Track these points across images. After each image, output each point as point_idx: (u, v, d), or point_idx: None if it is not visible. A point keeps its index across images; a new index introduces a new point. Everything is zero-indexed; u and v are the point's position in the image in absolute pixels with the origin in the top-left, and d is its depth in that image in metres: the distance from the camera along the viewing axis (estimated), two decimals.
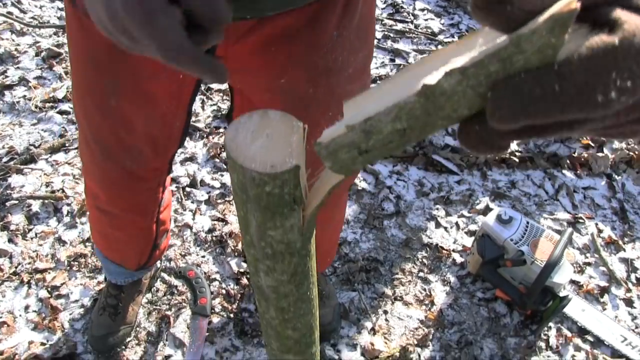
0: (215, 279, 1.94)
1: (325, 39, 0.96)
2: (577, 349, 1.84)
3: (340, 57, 1.00)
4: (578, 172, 2.38)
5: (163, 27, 0.49)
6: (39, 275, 1.91)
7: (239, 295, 1.90)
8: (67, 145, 2.38)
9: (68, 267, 1.95)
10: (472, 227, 2.17)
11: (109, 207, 1.41)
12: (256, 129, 0.50)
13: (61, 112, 2.52)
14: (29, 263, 1.94)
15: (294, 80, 1.00)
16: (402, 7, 3.31)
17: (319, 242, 1.59)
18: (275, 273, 0.60)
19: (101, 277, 1.92)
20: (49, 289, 1.87)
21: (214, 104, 2.60)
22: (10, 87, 2.62)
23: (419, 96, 0.37)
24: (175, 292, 1.90)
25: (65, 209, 2.12)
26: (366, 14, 1.03)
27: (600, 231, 2.17)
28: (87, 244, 2.02)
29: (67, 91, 2.61)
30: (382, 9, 3.32)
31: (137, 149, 1.19)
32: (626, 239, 2.15)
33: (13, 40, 2.88)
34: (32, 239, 2.03)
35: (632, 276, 2.03)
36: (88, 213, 1.63)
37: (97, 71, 1.04)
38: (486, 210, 2.21)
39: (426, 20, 3.27)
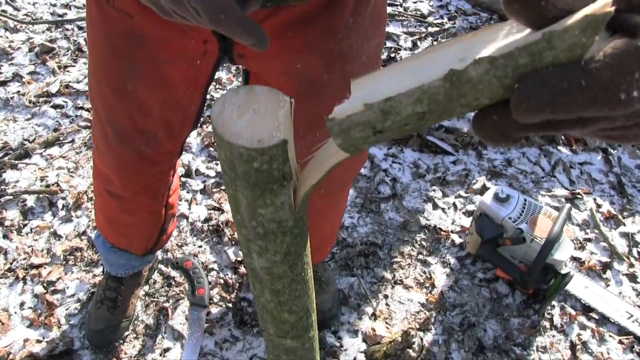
0: (212, 269, 1.93)
1: (341, 26, 0.97)
2: (582, 327, 1.83)
3: (355, 44, 1.01)
4: (573, 147, 2.37)
5: None
6: (34, 271, 1.89)
7: (237, 284, 1.89)
8: (61, 139, 2.36)
9: (64, 262, 1.93)
10: (470, 207, 2.16)
11: (120, 191, 1.40)
12: (243, 104, 0.49)
13: (55, 106, 2.50)
14: (24, 259, 1.92)
15: (309, 66, 1.00)
16: None
17: (320, 230, 1.60)
18: (267, 253, 0.59)
19: (98, 270, 1.90)
20: (45, 285, 1.86)
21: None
22: (4, 83, 2.60)
23: (444, 81, 0.37)
24: (173, 283, 1.89)
25: (60, 203, 2.10)
26: (380, 3, 1.04)
27: (599, 206, 2.16)
28: (82, 237, 2.01)
29: (61, 85, 2.59)
30: None
31: (152, 132, 1.19)
32: (625, 213, 2.14)
33: (7, 37, 2.86)
34: (27, 234, 2.01)
35: (634, 250, 2.02)
36: (94, 198, 1.61)
37: (114, 55, 1.04)
38: (483, 190, 2.20)
39: (415, 2, 3.25)
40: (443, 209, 2.16)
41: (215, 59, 1.01)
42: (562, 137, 2.40)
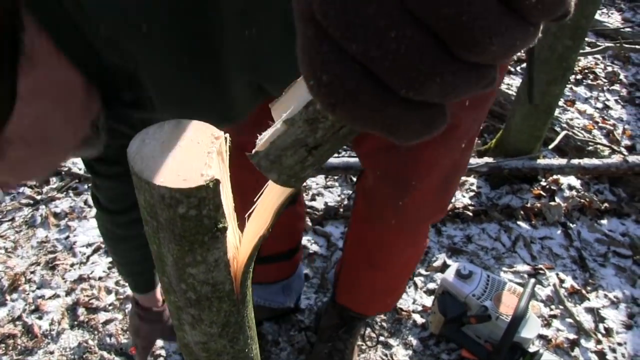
0: (159, 355, 1.78)
1: None
2: None
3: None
4: (533, 222, 2.35)
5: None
6: None
7: None
8: (0, 217, 2.22)
9: None
10: (431, 286, 2.08)
11: None
12: (167, 139, 0.41)
13: None
14: None
15: None
16: None
17: (386, 269, 1.50)
18: (202, 324, 0.49)
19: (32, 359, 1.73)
20: None
21: None
22: None
23: None
24: None
25: None
26: None
27: (562, 281, 2.11)
28: (17, 322, 1.84)
29: None
30: None
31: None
32: (589, 288, 2.09)
33: None
34: None
35: (601, 326, 1.96)
36: None
37: None
38: (444, 267, 2.13)
39: None
40: None
41: None
42: (521, 212, 2.38)
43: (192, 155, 0.40)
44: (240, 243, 0.47)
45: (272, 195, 0.41)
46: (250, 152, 0.35)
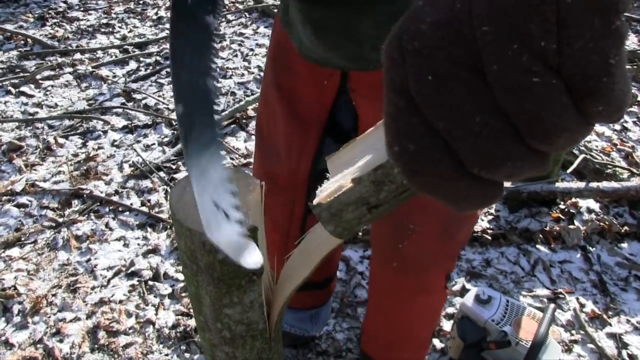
0: None
1: None
2: None
3: None
4: (552, 245, 2.34)
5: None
6: None
7: None
8: (22, 239, 2.26)
9: None
10: (450, 310, 2.08)
11: None
12: None
13: (18, 205, 2.41)
14: None
15: None
16: None
17: (389, 319, 1.49)
18: None
19: None
20: None
21: None
22: None
23: None
24: None
25: (16, 308, 1.97)
26: None
27: (582, 306, 2.10)
28: (38, 346, 1.86)
29: (26, 184, 2.52)
30: None
31: (275, 147, 1.29)
32: (610, 313, 2.07)
33: None
34: None
35: (624, 352, 1.93)
36: None
37: (272, 61, 1.24)
38: (463, 291, 2.13)
39: None
40: None
41: (338, 81, 1.11)
42: (540, 236, 2.37)
43: None
44: (275, 282, 0.49)
45: (318, 242, 0.42)
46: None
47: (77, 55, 3.80)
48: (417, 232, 1.21)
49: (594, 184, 2.44)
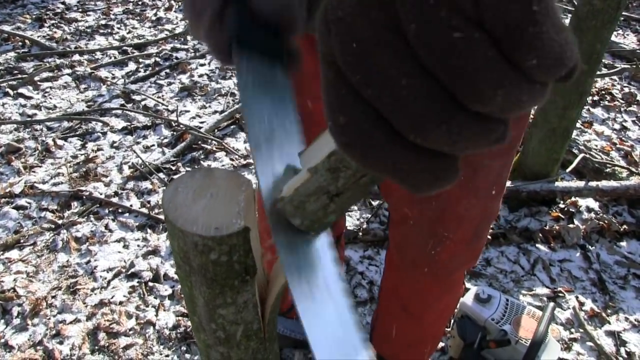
0: None
1: None
2: None
3: None
4: (551, 245, 2.34)
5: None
6: None
7: None
8: (22, 241, 2.26)
9: None
10: None
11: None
12: (199, 188, 0.43)
13: (17, 207, 2.41)
14: None
15: None
16: None
17: (420, 319, 1.49)
18: None
19: None
20: None
21: None
22: None
23: None
24: None
25: (15, 310, 1.97)
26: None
27: (581, 304, 2.10)
28: (38, 347, 1.86)
29: (25, 185, 2.52)
30: None
31: None
32: (609, 311, 2.07)
33: None
34: None
35: (622, 350, 1.94)
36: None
37: None
38: (463, 291, 2.13)
39: None
40: None
41: None
42: (540, 235, 2.37)
43: (223, 203, 0.41)
44: (268, 282, 0.49)
45: None
46: None
47: (76, 57, 3.80)
48: (450, 239, 1.21)
49: (593, 183, 2.44)
